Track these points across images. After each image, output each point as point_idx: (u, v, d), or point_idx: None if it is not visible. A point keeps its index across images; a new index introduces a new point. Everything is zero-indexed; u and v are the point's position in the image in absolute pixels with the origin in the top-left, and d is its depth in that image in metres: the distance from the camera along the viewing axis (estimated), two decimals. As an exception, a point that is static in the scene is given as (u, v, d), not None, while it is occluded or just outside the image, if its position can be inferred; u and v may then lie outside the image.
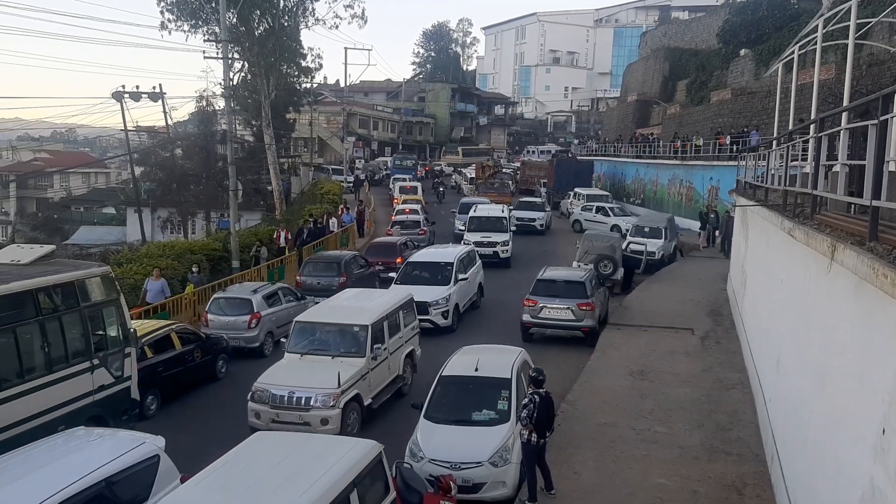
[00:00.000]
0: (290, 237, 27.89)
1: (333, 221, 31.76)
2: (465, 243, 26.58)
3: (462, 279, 20.73)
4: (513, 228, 30.80)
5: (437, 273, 20.66)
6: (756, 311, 14.54)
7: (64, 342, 10.90)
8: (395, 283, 20.33)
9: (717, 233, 31.56)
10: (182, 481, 8.17)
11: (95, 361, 11.42)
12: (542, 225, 37.79)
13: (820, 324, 7.63)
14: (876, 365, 5.38)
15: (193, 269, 21.29)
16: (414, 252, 24.48)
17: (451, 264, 20.82)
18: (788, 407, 9.29)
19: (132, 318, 14.03)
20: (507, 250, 28.10)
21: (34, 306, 10.48)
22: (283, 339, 14.92)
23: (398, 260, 24.91)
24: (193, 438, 12.97)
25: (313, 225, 29.22)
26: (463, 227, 30.04)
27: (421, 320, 17.44)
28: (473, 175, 56.28)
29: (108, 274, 12.31)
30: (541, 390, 10.11)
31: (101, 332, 11.78)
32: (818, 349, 7.62)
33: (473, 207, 31.67)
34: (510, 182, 53.37)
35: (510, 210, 33.03)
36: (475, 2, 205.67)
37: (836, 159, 8.14)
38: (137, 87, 38.69)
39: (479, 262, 23.02)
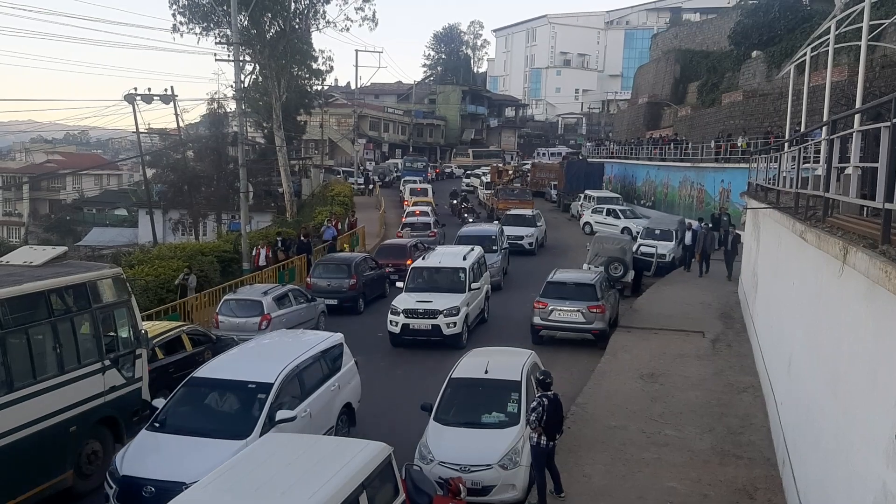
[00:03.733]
0: (270, 255, 25.10)
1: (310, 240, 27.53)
2: (391, 312, 18.74)
3: (283, 419, 10.30)
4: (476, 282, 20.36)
5: (236, 406, 10.84)
6: (767, 314, 14.47)
7: (76, 343, 10.94)
8: (150, 428, 10.59)
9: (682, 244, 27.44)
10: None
11: (107, 362, 11.46)
12: (531, 244, 31.89)
13: (832, 327, 7.58)
14: (888, 369, 5.34)
15: None
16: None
17: (269, 388, 10.58)
18: (800, 410, 9.23)
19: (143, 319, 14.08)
20: (454, 322, 18.17)
21: (46, 307, 10.53)
22: None
23: (408, 262, 24.92)
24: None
25: (280, 244, 26.46)
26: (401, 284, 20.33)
27: None
28: (489, 179, 51.08)
29: (119, 275, 12.35)
30: (549, 392, 10.10)
31: (112, 334, 11.83)
32: (830, 352, 7.57)
33: (425, 254, 22.16)
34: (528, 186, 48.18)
35: (483, 251, 22.66)
36: (486, 4, 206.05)
37: (849, 161, 8.11)
38: (149, 89, 38.92)
39: (347, 365, 12.94)
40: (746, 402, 13.78)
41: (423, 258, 21.23)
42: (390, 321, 18.65)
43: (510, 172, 50.79)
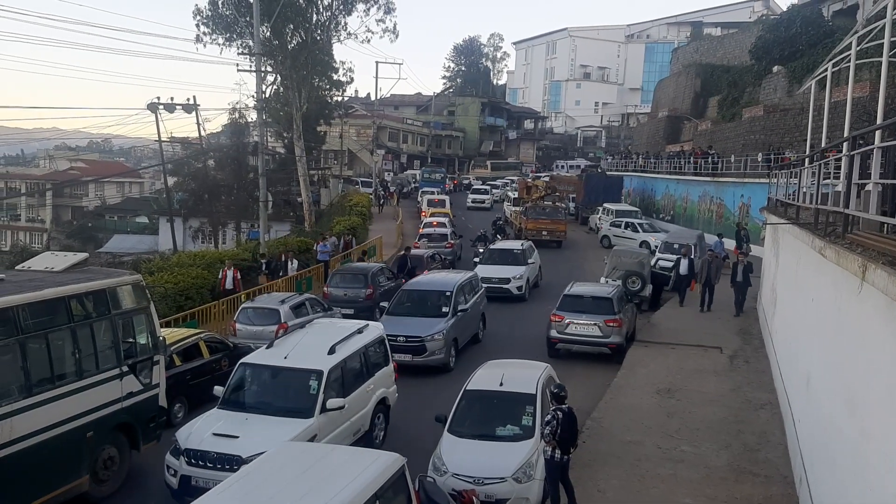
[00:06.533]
0: (238, 277, 22.17)
1: (294, 264, 25.29)
2: (171, 450, 11.01)
3: None
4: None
5: None
6: (786, 330, 14.34)
7: (94, 349, 11.04)
8: None
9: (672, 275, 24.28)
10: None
11: (125, 369, 11.55)
12: (520, 288, 25.22)
13: (851, 344, 7.51)
14: (907, 388, 5.28)
15: None
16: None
17: None
18: (818, 428, 9.14)
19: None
20: None
21: (66, 313, 10.63)
22: None
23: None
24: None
25: (265, 267, 24.39)
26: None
27: None
28: (516, 195, 45.89)
29: (139, 282, 12.45)
30: (563, 406, 10.06)
31: (130, 340, 11.92)
32: (849, 370, 7.50)
33: (274, 340, 13.41)
34: (562, 204, 41.95)
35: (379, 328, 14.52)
36: (506, 17, 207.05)
37: (869, 178, 8.04)
38: (172, 98, 39.42)
39: None
40: (764, 418, 13.65)
41: (268, 345, 12.85)
42: (167, 466, 10.86)
43: (540, 188, 43.33)
